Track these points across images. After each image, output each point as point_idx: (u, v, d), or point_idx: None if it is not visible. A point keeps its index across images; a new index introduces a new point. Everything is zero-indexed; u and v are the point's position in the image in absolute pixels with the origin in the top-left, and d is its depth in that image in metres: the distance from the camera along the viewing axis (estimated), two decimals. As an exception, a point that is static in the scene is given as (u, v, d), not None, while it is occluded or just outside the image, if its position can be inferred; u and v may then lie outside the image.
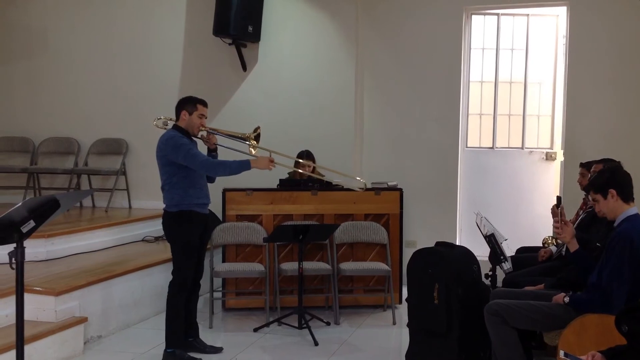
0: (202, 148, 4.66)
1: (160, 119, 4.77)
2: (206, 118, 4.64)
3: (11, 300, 4.20)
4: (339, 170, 5.58)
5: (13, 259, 2.99)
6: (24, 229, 2.98)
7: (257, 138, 4.75)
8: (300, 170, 5.78)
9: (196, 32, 7.32)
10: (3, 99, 7.89)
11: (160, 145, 4.50)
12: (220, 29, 6.85)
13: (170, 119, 4.71)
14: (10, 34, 7.85)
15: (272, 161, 4.59)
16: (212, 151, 4.72)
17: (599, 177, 3.65)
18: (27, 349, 4.00)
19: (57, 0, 7.74)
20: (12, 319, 4.20)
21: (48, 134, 7.69)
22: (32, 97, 7.84)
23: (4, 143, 7.72)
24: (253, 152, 4.72)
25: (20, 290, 3.04)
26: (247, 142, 4.73)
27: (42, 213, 3.04)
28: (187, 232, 4.52)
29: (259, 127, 4.77)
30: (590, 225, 4.50)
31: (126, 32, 7.56)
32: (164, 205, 4.57)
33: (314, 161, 6.24)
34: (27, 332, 4.19)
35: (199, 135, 4.67)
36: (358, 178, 5.92)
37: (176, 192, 4.48)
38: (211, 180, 4.80)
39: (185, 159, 4.42)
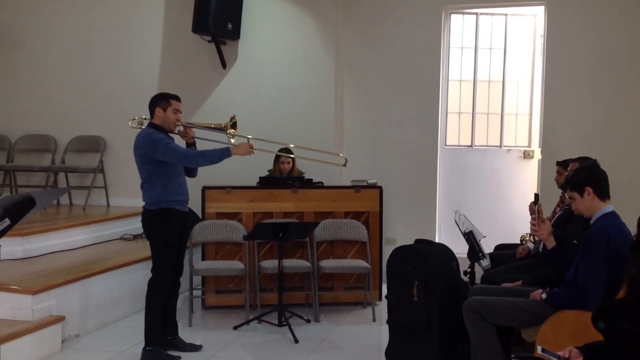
0: (180, 143, 4.65)
1: (135, 119, 4.74)
2: (181, 113, 4.62)
3: (-13, 299, 4.19)
4: (319, 158, 5.56)
5: (-11, 257, 2.95)
6: (-1, 227, 2.94)
7: (234, 126, 4.78)
8: (282, 155, 5.93)
9: (175, 29, 7.27)
10: (-22, 95, 7.79)
11: (138, 143, 4.47)
12: (200, 26, 6.82)
13: (145, 118, 4.68)
14: (-14, 30, 7.75)
15: (251, 147, 4.59)
16: (191, 145, 4.70)
17: (576, 175, 3.69)
18: (4, 348, 3.97)
19: (33, -4, 7.66)
20: (-12, 318, 4.19)
21: (24, 131, 7.60)
22: (9, 94, 7.73)
23: (-21, 140, 7.63)
24: (232, 141, 4.73)
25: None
26: (226, 132, 4.74)
27: (17, 211, 3.01)
28: (166, 230, 4.49)
29: (234, 116, 4.79)
30: (567, 222, 4.55)
31: (104, 29, 7.48)
32: (143, 203, 4.54)
33: (293, 159, 6.23)
34: (4, 331, 4.16)
35: (176, 131, 4.64)
36: (340, 154, 5.82)
37: (155, 189, 4.46)
38: (192, 174, 4.79)
39: (164, 153, 4.40)
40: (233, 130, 4.77)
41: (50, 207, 7.14)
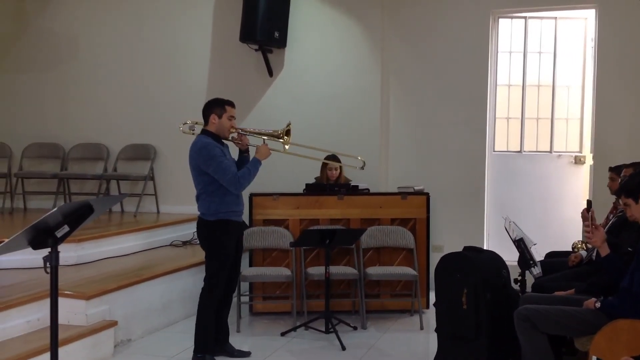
0: (233, 150, 4.68)
1: (187, 123, 4.70)
2: (235, 119, 4.62)
3: (43, 304, 4.31)
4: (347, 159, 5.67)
5: (48, 263, 3.03)
6: (59, 234, 3.01)
7: (287, 133, 4.74)
8: (328, 169, 5.94)
9: (223, 38, 7.38)
10: (34, 106, 8.02)
11: (193, 154, 4.45)
12: (247, 35, 6.90)
13: (196, 123, 4.66)
14: (41, 42, 7.98)
15: (267, 146, 4.59)
16: (244, 152, 4.68)
17: (630, 181, 3.62)
18: (59, 352, 4.06)
19: (86, 9, 7.86)
20: (44, 323, 4.31)
21: (78, 140, 7.81)
22: (62, 104, 7.95)
23: (35, 149, 7.86)
24: (287, 147, 4.73)
25: (54, 295, 3.08)
26: (280, 140, 4.72)
27: (76, 218, 3.08)
28: (224, 241, 4.52)
29: (290, 123, 4.78)
30: (621, 229, 4.44)
31: (154, 39, 7.65)
32: (193, 211, 4.57)
33: (341, 166, 6.22)
34: (59, 335, 4.25)
35: (230, 138, 4.65)
36: (359, 157, 5.61)
37: (213, 200, 4.46)
38: None
39: (215, 172, 4.39)
40: (287, 137, 4.73)
41: (103, 214, 7.30)
